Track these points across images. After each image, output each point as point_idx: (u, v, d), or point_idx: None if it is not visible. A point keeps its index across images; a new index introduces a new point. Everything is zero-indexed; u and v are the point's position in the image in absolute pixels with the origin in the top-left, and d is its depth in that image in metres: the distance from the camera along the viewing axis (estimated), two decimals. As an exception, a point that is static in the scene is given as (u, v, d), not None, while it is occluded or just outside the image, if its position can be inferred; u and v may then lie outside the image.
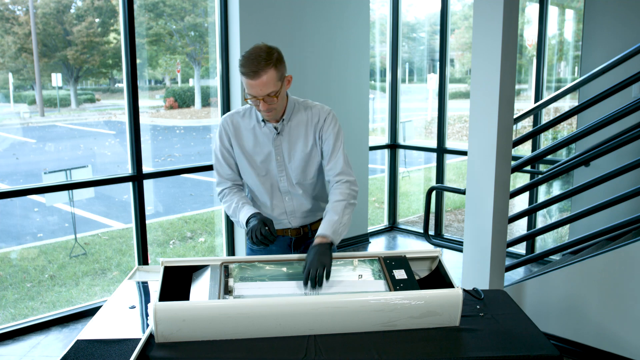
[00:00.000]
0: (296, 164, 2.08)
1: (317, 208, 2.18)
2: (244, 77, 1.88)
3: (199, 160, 5.32)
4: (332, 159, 2.05)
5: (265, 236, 1.86)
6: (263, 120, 2.05)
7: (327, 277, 1.78)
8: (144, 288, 1.99)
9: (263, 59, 1.86)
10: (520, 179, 5.33)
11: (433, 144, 5.42)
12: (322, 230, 1.92)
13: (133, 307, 1.84)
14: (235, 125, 2.10)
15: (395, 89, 5.57)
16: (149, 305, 1.84)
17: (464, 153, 4.27)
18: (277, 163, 2.08)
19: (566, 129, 5.30)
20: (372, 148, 5.50)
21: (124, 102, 3.71)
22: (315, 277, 1.74)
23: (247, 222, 1.95)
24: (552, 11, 4.86)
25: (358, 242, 5.23)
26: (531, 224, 4.83)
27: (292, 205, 2.13)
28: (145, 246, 3.81)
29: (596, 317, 2.96)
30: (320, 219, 2.13)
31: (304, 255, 1.90)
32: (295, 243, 2.20)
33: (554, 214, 5.27)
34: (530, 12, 5.38)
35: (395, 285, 1.76)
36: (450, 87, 5.64)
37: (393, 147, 5.68)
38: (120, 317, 1.78)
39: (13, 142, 5.03)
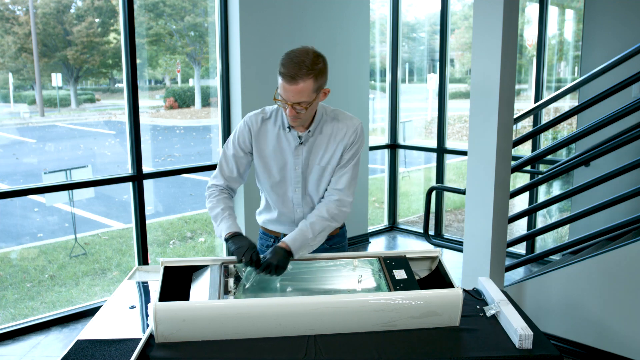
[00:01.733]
0: (313, 177, 2.01)
1: None
2: (281, 77, 1.79)
3: (199, 160, 5.32)
4: (339, 172, 1.98)
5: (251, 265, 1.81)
6: (289, 127, 1.95)
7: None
8: (144, 288, 1.99)
9: (305, 66, 1.76)
10: (520, 179, 5.33)
11: (433, 144, 5.41)
12: (291, 240, 1.87)
13: (133, 307, 1.84)
14: (260, 127, 2.00)
15: (395, 89, 5.57)
16: (149, 305, 1.84)
17: (464, 153, 4.27)
18: (295, 173, 2.00)
19: (566, 129, 5.30)
20: (372, 148, 5.50)
21: (124, 102, 3.71)
22: (268, 272, 1.78)
23: (226, 240, 1.88)
24: (552, 11, 4.86)
25: (358, 242, 5.23)
26: (531, 224, 4.83)
27: (302, 217, 2.05)
28: (145, 246, 3.81)
29: (596, 317, 2.96)
30: (329, 234, 2.07)
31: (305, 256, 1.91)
32: None
33: (554, 214, 5.27)
34: (530, 12, 5.37)
35: (395, 285, 1.76)
36: (450, 87, 5.64)
37: (393, 147, 5.68)
38: (120, 317, 1.78)
39: (13, 142, 5.03)
